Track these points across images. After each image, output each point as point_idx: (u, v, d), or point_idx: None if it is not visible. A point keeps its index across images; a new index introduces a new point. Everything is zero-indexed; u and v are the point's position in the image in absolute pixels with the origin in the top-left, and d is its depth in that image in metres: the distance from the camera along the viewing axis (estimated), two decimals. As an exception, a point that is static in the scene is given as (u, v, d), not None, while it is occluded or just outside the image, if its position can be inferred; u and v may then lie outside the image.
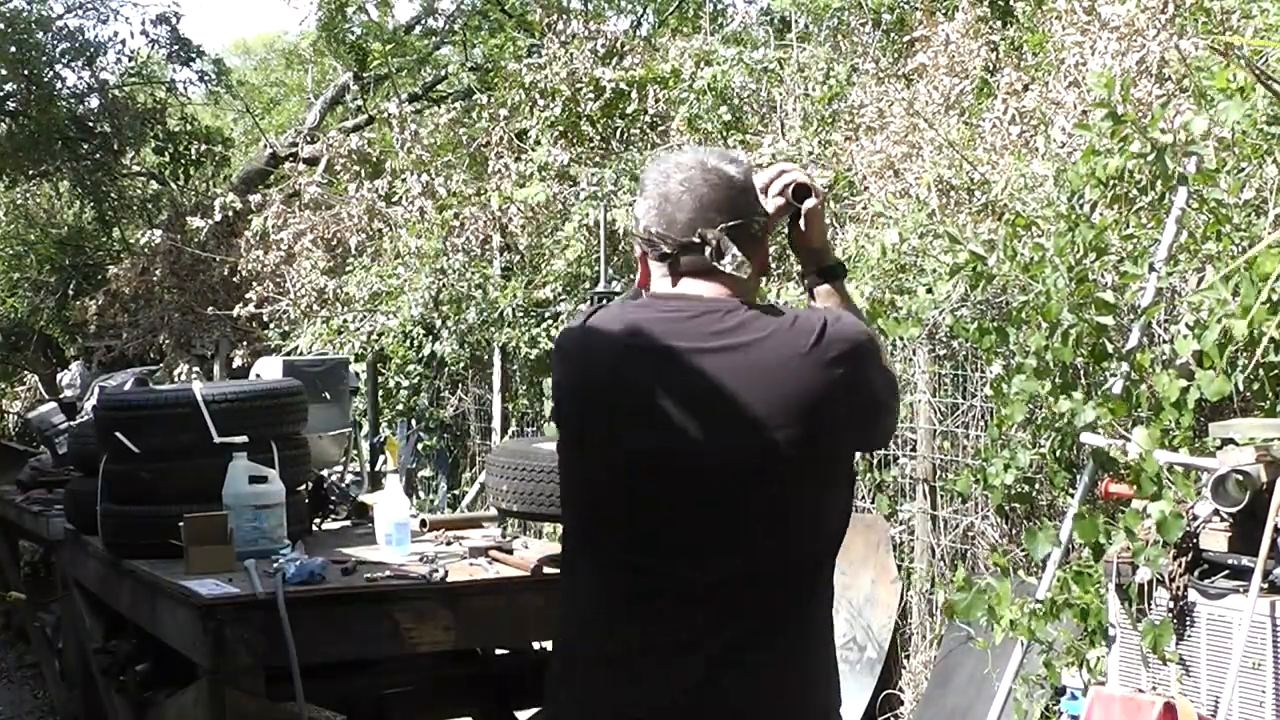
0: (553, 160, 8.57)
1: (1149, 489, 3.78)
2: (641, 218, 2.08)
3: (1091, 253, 4.26)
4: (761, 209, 2.10)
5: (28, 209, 16.25)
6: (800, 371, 1.96)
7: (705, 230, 2.01)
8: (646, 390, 1.99)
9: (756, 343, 1.98)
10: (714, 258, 2.01)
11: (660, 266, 2.06)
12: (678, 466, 1.97)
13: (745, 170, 2.09)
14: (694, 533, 1.97)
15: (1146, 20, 5.92)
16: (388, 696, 4.29)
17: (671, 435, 1.96)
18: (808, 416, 1.95)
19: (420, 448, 8.96)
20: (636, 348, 2.01)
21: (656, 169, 2.09)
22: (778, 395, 1.95)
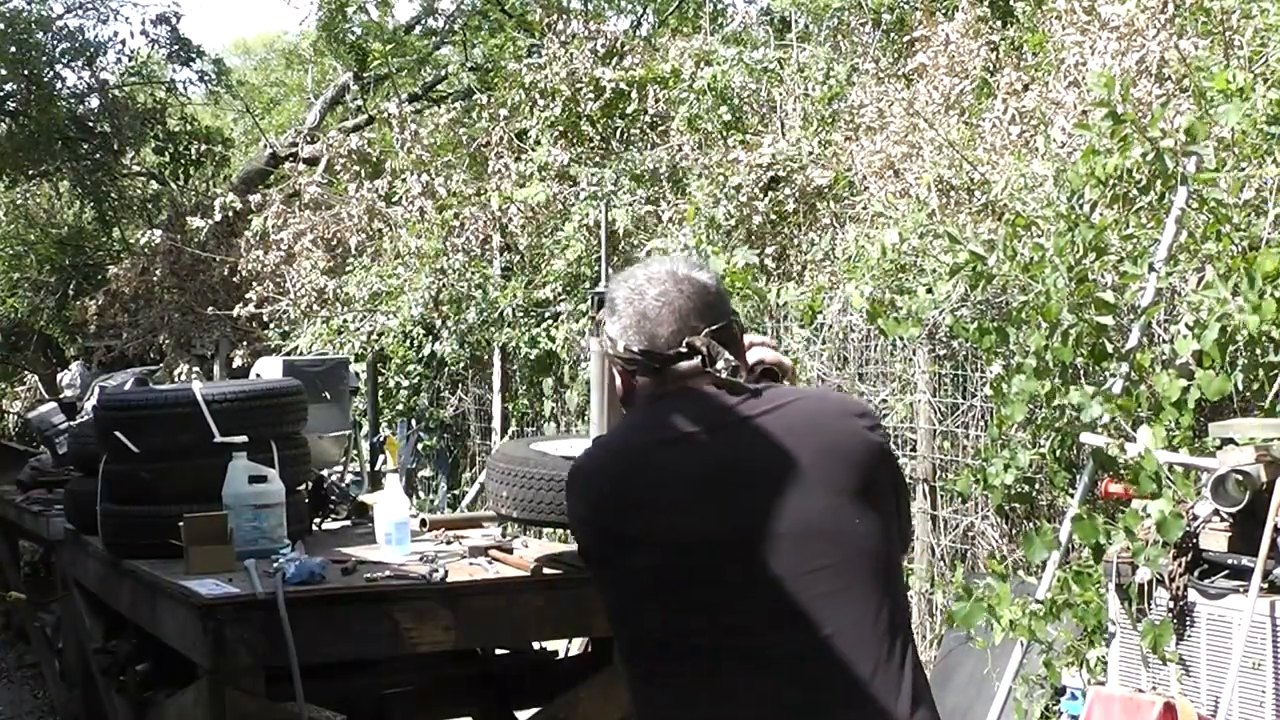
0: (553, 160, 8.57)
1: (1148, 487, 3.78)
2: (619, 338, 2.06)
3: (1091, 253, 4.26)
4: (734, 308, 2.12)
5: (28, 209, 16.26)
6: (842, 428, 1.99)
7: (692, 339, 2.00)
8: (697, 474, 1.97)
9: (786, 406, 1.99)
10: (707, 364, 2.00)
11: (650, 380, 2.05)
12: (746, 537, 1.93)
13: (715, 275, 2.10)
14: (783, 595, 1.92)
15: (1146, 20, 5.92)
16: (388, 696, 4.29)
17: (739, 508, 1.94)
18: (858, 467, 1.96)
19: (420, 448, 8.96)
20: (668, 440, 2.00)
21: (626, 287, 2.07)
22: (824, 447, 1.96)
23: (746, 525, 1.93)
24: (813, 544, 1.92)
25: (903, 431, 5.68)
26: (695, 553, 1.94)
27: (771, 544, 1.92)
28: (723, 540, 1.93)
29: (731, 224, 7.06)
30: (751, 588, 1.92)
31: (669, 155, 8.13)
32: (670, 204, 7.65)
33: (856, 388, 5.97)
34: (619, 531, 1.99)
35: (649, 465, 2.00)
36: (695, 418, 1.99)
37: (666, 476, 1.98)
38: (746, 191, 7.12)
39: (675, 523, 1.95)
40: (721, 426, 1.98)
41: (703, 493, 1.95)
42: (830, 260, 6.46)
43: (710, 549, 1.93)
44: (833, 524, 1.93)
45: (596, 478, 2.07)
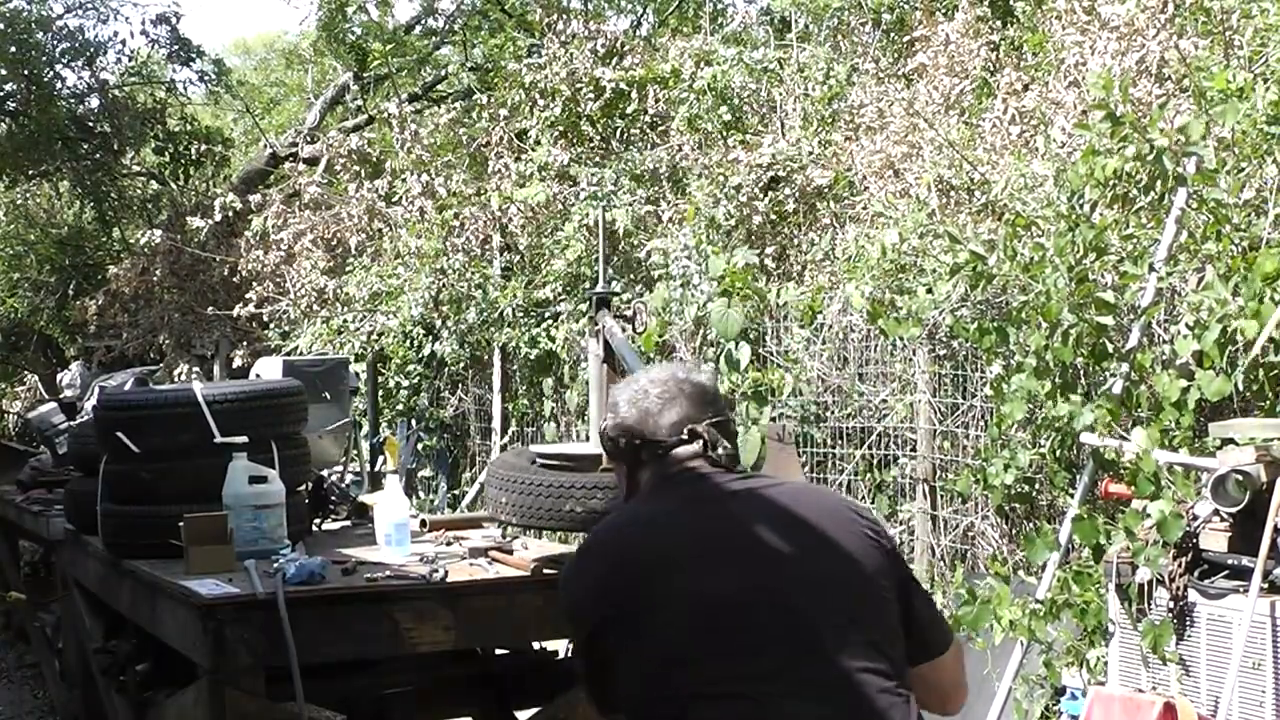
0: (553, 160, 8.57)
1: (1146, 488, 3.78)
2: (621, 435, 2.20)
3: (1091, 253, 4.26)
4: (728, 412, 2.25)
5: (28, 209, 16.25)
6: (841, 508, 2.13)
7: (694, 426, 2.15)
8: (709, 535, 2.07)
9: (788, 484, 2.15)
10: (708, 449, 2.13)
11: (651, 470, 2.18)
12: (765, 590, 2.02)
13: (712, 377, 2.28)
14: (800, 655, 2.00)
15: (1146, 20, 5.92)
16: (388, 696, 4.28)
17: (755, 563, 2.04)
18: (862, 542, 2.07)
19: (420, 448, 8.96)
20: (675, 511, 2.11)
21: (629, 390, 2.23)
22: (827, 512, 2.10)
23: (764, 578, 2.02)
24: (824, 594, 2.02)
25: (903, 431, 5.68)
26: (719, 610, 2.00)
27: (790, 594, 2.01)
28: (744, 596, 2.00)
29: (731, 224, 7.06)
30: (779, 636, 1.99)
31: (669, 155, 8.13)
32: (670, 204, 7.65)
33: (856, 388, 5.97)
34: (637, 600, 2.04)
35: (660, 534, 2.09)
36: (700, 490, 2.11)
37: (679, 541, 2.07)
38: (746, 191, 7.12)
39: (698, 585, 2.02)
40: (729, 495, 2.09)
41: (719, 552, 2.04)
42: (830, 260, 6.46)
43: (733, 604, 2.00)
44: (843, 576, 2.04)
45: (610, 550, 2.15)
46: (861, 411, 5.91)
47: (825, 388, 6.09)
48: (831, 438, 5.99)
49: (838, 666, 1.98)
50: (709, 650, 2.01)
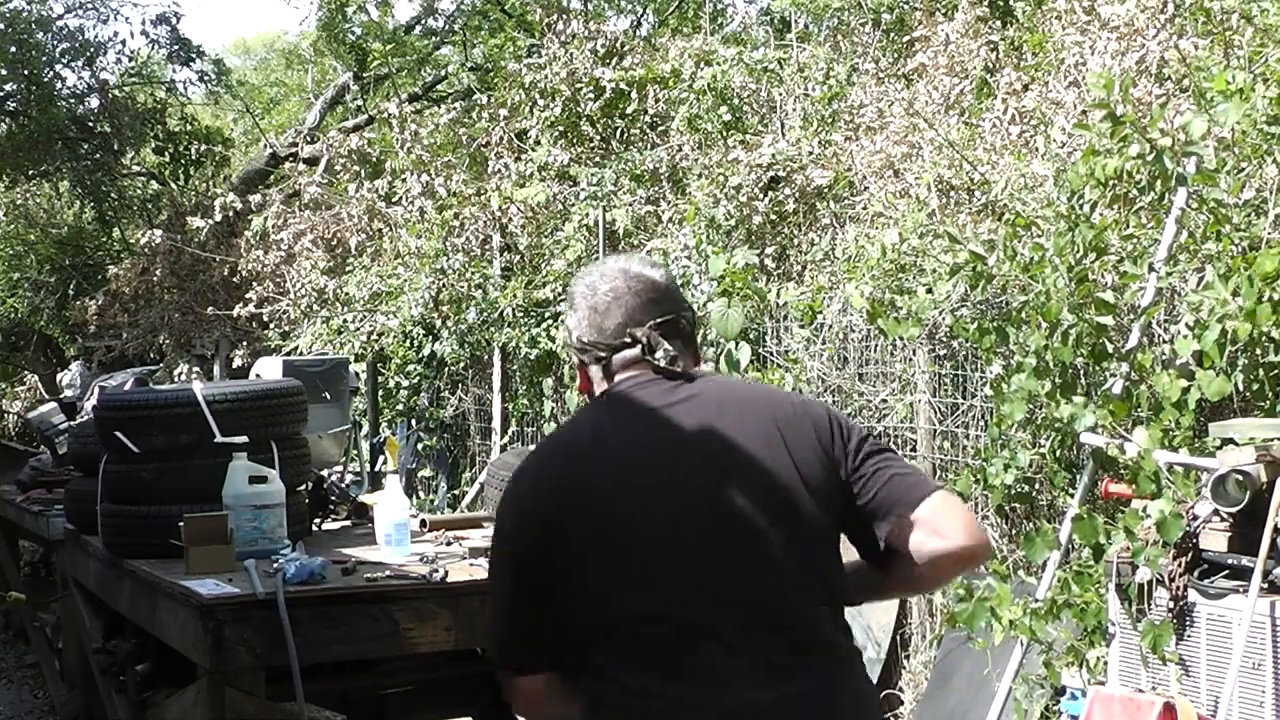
0: (553, 160, 8.57)
1: (1146, 488, 3.78)
2: (574, 329, 2.20)
3: (1091, 253, 4.26)
4: (688, 305, 2.23)
5: (28, 209, 16.24)
6: (787, 421, 2.07)
7: (634, 330, 2.13)
8: (644, 461, 2.04)
9: (733, 390, 2.15)
10: (646, 353, 2.12)
11: (597, 369, 2.18)
12: (696, 529, 2.00)
13: (665, 271, 2.24)
14: (732, 568, 1.99)
15: (1146, 20, 5.92)
16: (388, 696, 4.29)
17: (680, 496, 2.01)
18: (807, 452, 2.04)
19: (420, 448, 8.96)
20: (606, 433, 2.10)
21: (582, 283, 2.22)
22: (766, 430, 2.04)
23: (687, 506, 2.00)
24: (750, 521, 1.99)
25: (903, 431, 5.68)
26: (643, 540, 2.00)
27: (714, 522, 1.99)
28: (667, 525, 1.99)
29: (731, 224, 7.06)
30: (701, 563, 1.98)
31: (669, 155, 8.12)
32: (670, 204, 7.65)
33: (856, 388, 5.97)
34: (564, 530, 2.03)
35: (586, 458, 2.08)
36: (635, 407, 2.08)
37: (604, 467, 2.05)
38: (746, 191, 7.11)
39: (622, 512, 2.01)
40: (663, 410, 2.06)
41: (645, 477, 2.02)
42: (830, 260, 6.46)
43: (656, 534, 1.99)
44: (776, 499, 2.00)
45: (543, 477, 2.13)
46: (861, 411, 5.91)
47: (825, 388, 6.09)
48: (831, 438, 5.98)
49: (763, 600, 1.97)
50: (631, 582, 1.99)
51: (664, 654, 1.96)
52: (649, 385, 2.11)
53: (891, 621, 5.35)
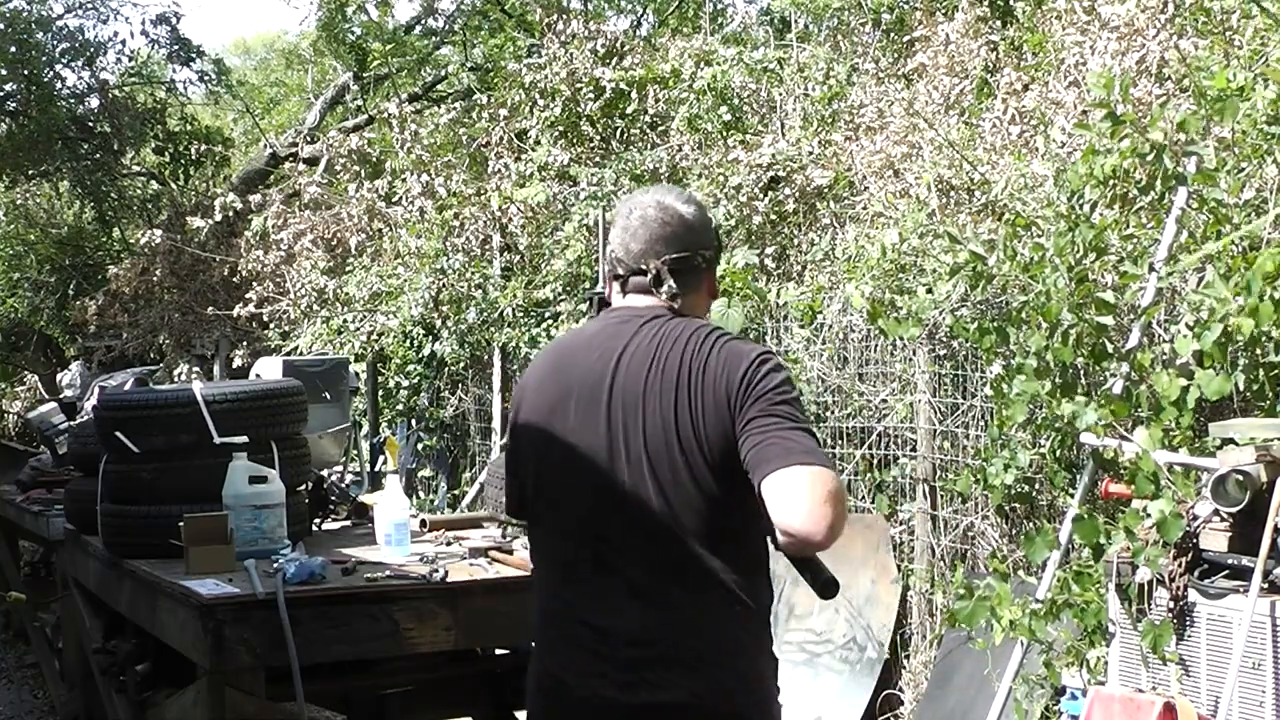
0: (553, 160, 8.56)
1: (1146, 488, 3.77)
2: (611, 243, 2.43)
3: (1091, 253, 4.26)
4: (709, 244, 2.41)
5: (28, 209, 16.24)
6: (699, 359, 2.24)
7: (651, 260, 2.34)
8: (576, 385, 2.30)
9: (684, 330, 2.28)
10: (654, 284, 2.34)
11: (615, 285, 2.42)
12: (598, 448, 2.25)
13: (697, 210, 2.41)
14: (628, 504, 2.22)
15: (1146, 20, 5.92)
16: (388, 696, 4.29)
17: (598, 421, 2.26)
18: (696, 392, 2.21)
19: (420, 448, 8.95)
20: (577, 351, 2.37)
21: (625, 204, 2.44)
22: (687, 366, 2.23)
23: (601, 437, 2.24)
24: (648, 462, 2.20)
25: (903, 431, 5.68)
26: (567, 449, 2.27)
27: (620, 455, 2.23)
28: (585, 442, 2.26)
29: (731, 224, 7.06)
30: (595, 487, 2.23)
31: (669, 155, 8.12)
32: (670, 204, 7.63)
33: (856, 388, 5.97)
34: (522, 420, 2.39)
35: (557, 370, 2.37)
36: (616, 328, 2.33)
37: (567, 373, 2.33)
38: (746, 191, 7.11)
39: (562, 427, 2.30)
40: (630, 337, 2.29)
41: (590, 398, 2.27)
42: (830, 260, 6.46)
43: (574, 449, 2.26)
44: (664, 445, 2.20)
45: (529, 373, 2.47)
46: (861, 411, 5.91)
47: (825, 388, 6.09)
48: (831, 438, 5.99)
49: (639, 527, 2.20)
50: (548, 485, 2.32)
51: (561, 558, 2.30)
52: (637, 318, 2.33)
53: (891, 621, 5.36)
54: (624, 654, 2.19)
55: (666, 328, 2.29)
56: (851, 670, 5.36)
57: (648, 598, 2.19)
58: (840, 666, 5.42)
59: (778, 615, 5.76)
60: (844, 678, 5.38)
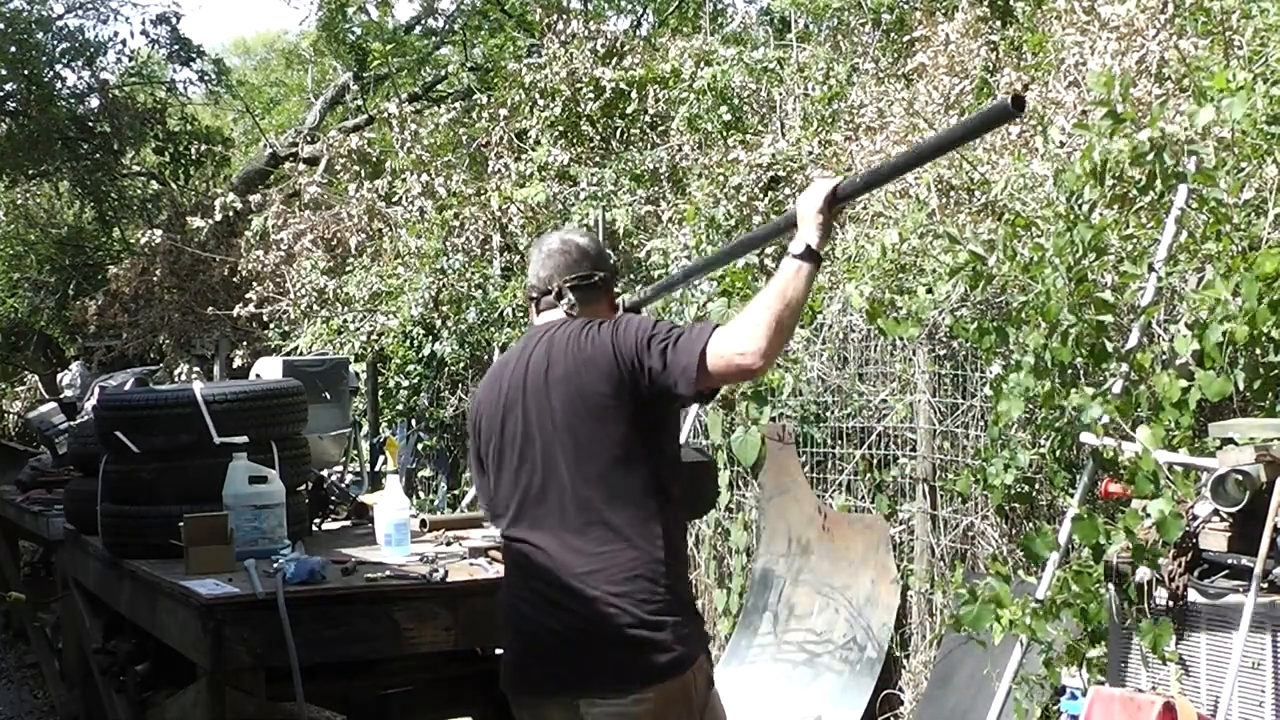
0: (553, 160, 8.57)
1: (1145, 488, 3.77)
2: (528, 275, 3.00)
3: (1091, 253, 4.25)
4: (604, 267, 2.95)
5: (28, 209, 16.25)
6: (574, 351, 2.75)
7: (555, 281, 2.90)
8: (510, 383, 2.85)
9: (561, 338, 2.80)
10: (556, 299, 2.90)
11: (532, 307, 2.96)
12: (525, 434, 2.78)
13: (592, 241, 3.01)
14: (553, 476, 2.75)
15: (1146, 20, 5.92)
16: (388, 696, 4.29)
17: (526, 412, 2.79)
18: (579, 377, 2.71)
19: (420, 448, 8.95)
20: (511, 359, 2.92)
21: (535, 247, 3.02)
22: (578, 363, 2.73)
23: (527, 425, 2.77)
24: (561, 442, 2.71)
25: (903, 431, 5.68)
26: (506, 443, 2.81)
27: (541, 440, 2.75)
28: (516, 436, 2.79)
29: (731, 224, 7.06)
30: (529, 474, 2.76)
31: (669, 155, 8.12)
32: (670, 204, 7.65)
33: (856, 388, 5.97)
34: (475, 424, 2.95)
35: (498, 377, 2.90)
36: (532, 340, 2.86)
37: (499, 384, 2.87)
38: (746, 191, 7.12)
39: (496, 421, 2.85)
40: (540, 345, 2.81)
41: (512, 397, 2.81)
42: (830, 260, 6.46)
43: (511, 441, 2.80)
44: (573, 424, 2.70)
45: (479, 389, 2.98)
46: (861, 411, 5.91)
47: (825, 388, 6.09)
48: (831, 438, 5.99)
49: (555, 490, 2.71)
50: (498, 467, 2.84)
51: (514, 518, 2.81)
52: (550, 327, 2.84)
53: (891, 621, 5.35)
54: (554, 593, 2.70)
55: (559, 331, 2.80)
56: (851, 670, 5.36)
57: (575, 542, 2.69)
58: (840, 666, 5.42)
59: (778, 615, 5.76)
60: (844, 678, 5.37)
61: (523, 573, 2.76)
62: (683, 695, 2.66)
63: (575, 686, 2.64)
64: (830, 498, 5.90)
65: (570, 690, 2.65)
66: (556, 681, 2.67)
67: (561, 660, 2.68)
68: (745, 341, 2.53)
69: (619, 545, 2.65)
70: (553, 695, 2.68)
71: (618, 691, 2.60)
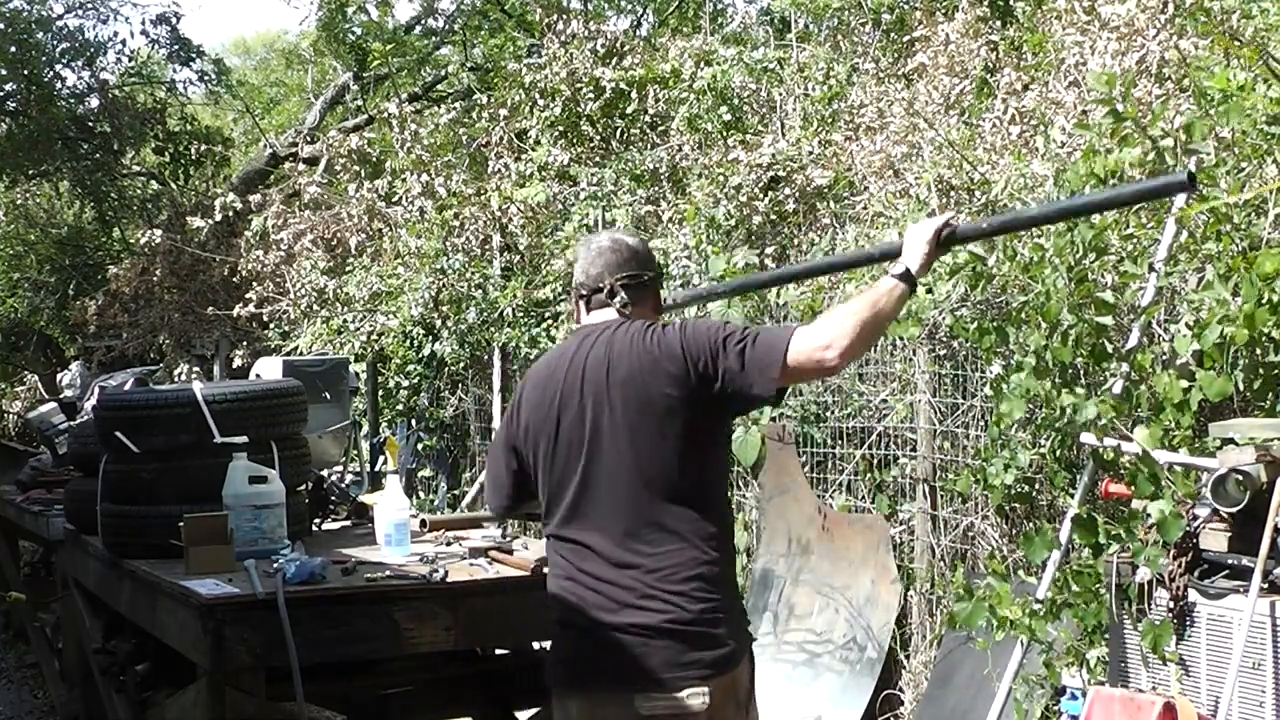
0: (553, 160, 8.56)
1: (1146, 488, 3.77)
2: (575, 276, 2.99)
3: (1091, 253, 4.25)
4: (652, 268, 2.99)
5: (28, 209, 16.24)
6: (639, 352, 2.76)
7: (607, 279, 2.91)
8: (561, 383, 2.82)
9: (621, 339, 2.80)
10: (609, 297, 2.90)
11: (582, 305, 2.96)
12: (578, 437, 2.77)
13: (641, 243, 3.03)
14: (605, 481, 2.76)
15: (1146, 20, 5.91)
16: (388, 696, 4.29)
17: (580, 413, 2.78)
18: (643, 379, 2.73)
19: (420, 448, 8.95)
20: (560, 359, 2.90)
21: (583, 243, 3.06)
22: (629, 368, 2.75)
23: (584, 425, 2.76)
24: (620, 443, 2.72)
25: (903, 431, 5.68)
26: (560, 443, 2.79)
27: (599, 440, 2.74)
28: (572, 436, 2.78)
29: (731, 224, 7.06)
30: (585, 473, 2.75)
31: (669, 155, 8.12)
32: (670, 204, 7.65)
33: (856, 387, 5.97)
34: (523, 422, 2.89)
35: (548, 375, 2.87)
36: (585, 339, 2.85)
37: (551, 383, 2.84)
38: (746, 191, 7.11)
39: (548, 420, 2.82)
40: (594, 345, 2.81)
41: (567, 397, 2.80)
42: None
43: (566, 441, 2.78)
44: (633, 426, 2.72)
45: (522, 390, 2.96)
46: (861, 411, 5.91)
47: (825, 388, 6.09)
48: (831, 438, 5.99)
49: (608, 490, 2.72)
50: (547, 470, 2.82)
51: (566, 517, 2.80)
52: (602, 326, 2.85)
53: (891, 621, 5.36)
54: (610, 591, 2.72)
55: (618, 332, 2.81)
56: (851, 670, 5.36)
57: (624, 549, 2.72)
58: (840, 666, 5.42)
59: (778, 615, 5.76)
60: (844, 678, 5.38)
61: (575, 571, 2.77)
62: (733, 690, 2.74)
63: (631, 683, 2.68)
64: (830, 498, 5.91)
65: (626, 687, 2.68)
66: (612, 678, 2.70)
67: (618, 657, 2.70)
68: (829, 338, 2.64)
69: (676, 545, 2.69)
70: (608, 692, 2.70)
71: (674, 687, 2.66)
